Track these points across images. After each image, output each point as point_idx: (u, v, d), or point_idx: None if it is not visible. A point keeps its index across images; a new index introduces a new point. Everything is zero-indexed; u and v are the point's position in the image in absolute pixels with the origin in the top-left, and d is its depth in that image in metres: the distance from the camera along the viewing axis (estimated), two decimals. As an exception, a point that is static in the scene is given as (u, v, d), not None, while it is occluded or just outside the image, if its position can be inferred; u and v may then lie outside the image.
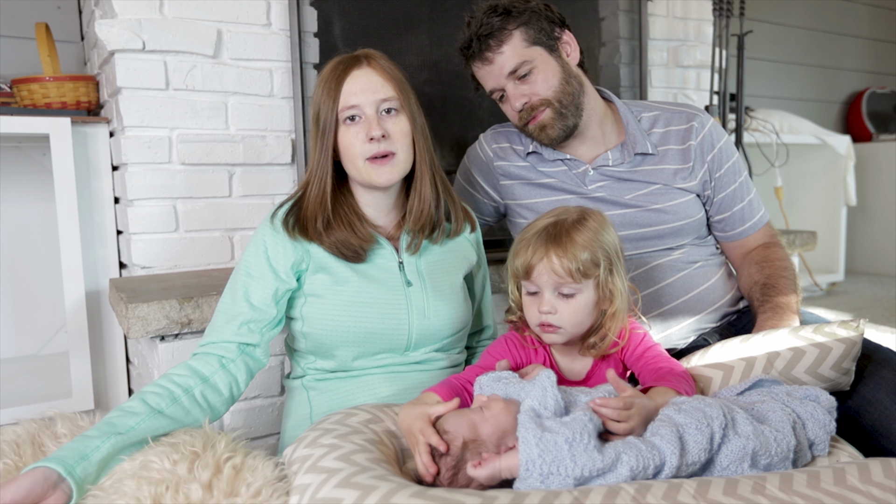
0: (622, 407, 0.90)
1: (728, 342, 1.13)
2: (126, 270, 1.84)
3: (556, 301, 1.03)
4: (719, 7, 2.58)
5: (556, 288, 1.03)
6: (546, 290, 1.03)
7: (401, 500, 0.77)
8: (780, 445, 0.88)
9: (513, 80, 1.37)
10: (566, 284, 1.02)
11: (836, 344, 1.05)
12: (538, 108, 1.37)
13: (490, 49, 1.36)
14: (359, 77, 1.14)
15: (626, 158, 1.42)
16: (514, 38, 1.35)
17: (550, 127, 1.38)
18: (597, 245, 1.03)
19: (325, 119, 1.15)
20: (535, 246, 1.03)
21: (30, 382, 1.83)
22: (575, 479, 0.80)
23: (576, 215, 1.06)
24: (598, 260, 1.03)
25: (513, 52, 1.35)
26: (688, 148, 1.42)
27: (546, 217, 1.08)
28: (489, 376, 1.01)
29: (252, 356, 1.13)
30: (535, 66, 1.35)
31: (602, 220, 1.07)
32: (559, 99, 1.36)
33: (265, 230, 1.17)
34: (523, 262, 1.04)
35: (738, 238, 1.47)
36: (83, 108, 1.86)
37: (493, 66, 1.37)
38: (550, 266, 1.01)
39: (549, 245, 1.02)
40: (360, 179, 1.17)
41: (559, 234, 1.03)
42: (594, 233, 1.04)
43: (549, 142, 1.41)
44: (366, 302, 1.16)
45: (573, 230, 1.03)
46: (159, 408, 1.00)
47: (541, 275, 1.02)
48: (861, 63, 4.37)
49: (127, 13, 1.65)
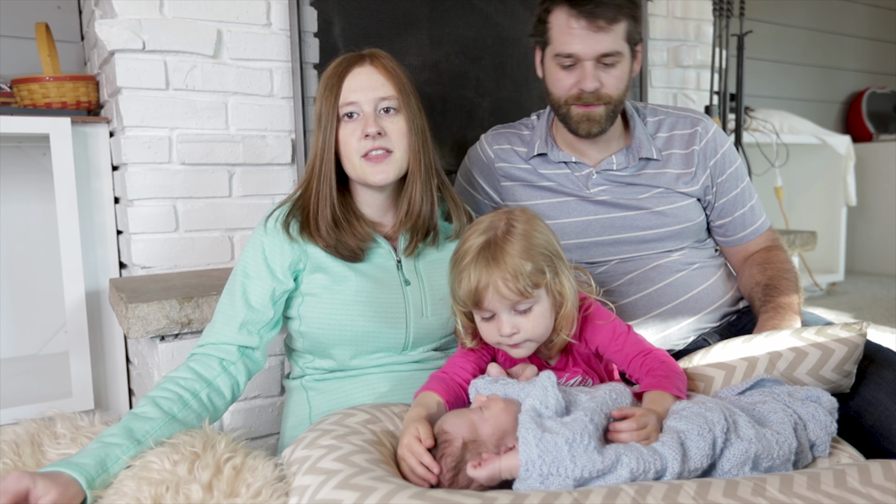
0: (639, 428, 0.89)
1: (730, 342, 1.12)
2: (126, 270, 1.84)
3: (515, 319, 1.00)
4: (719, 7, 2.58)
5: (511, 307, 0.99)
6: (502, 313, 0.99)
7: (400, 500, 0.77)
8: (781, 448, 0.88)
9: (596, 62, 1.30)
10: (520, 302, 0.99)
11: (838, 346, 1.04)
12: (602, 100, 1.32)
13: (605, 17, 1.26)
14: (360, 74, 1.14)
15: (630, 163, 1.42)
16: (622, 25, 1.29)
17: (597, 123, 1.34)
18: (535, 251, 0.99)
19: (327, 115, 1.14)
20: (475, 273, 0.97)
21: (30, 382, 1.83)
22: (575, 480, 0.80)
23: (503, 225, 1.01)
24: (541, 267, 0.99)
25: (617, 37, 1.28)
26: (691, 153, 1.42)
27: (474, 236, 1.01)
28: (485, 380, 1.01)
29: (251, 358, 1.14)
30: (620, 62, 1.31)
31: (529, 219, 1.03)
32: (616, 103, 1.34)
33: (264, 234, 1.17)
34: (468, 292, 0.98)
35: (740, 243, 1.47)
36: (83, 108, 1.86)
37: (595, 35, 1.27)
38: (498, 291, 0.97)
39: (491, 268, 0.97)
40: (356, 177, 1.17)
41: (495, 253, 0.98)
42: (528, 238, 1.00)
43: (585, 134, 1.36)
44: (364, 301, 1.16)
45: (507, 244, 0.98)
46: (172, 413, 1.00)
47: (492, 301, 0.98)
48: (861, 63, 4.37)
49: (127, 13, 1.65)
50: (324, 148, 1.15)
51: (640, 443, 0.87)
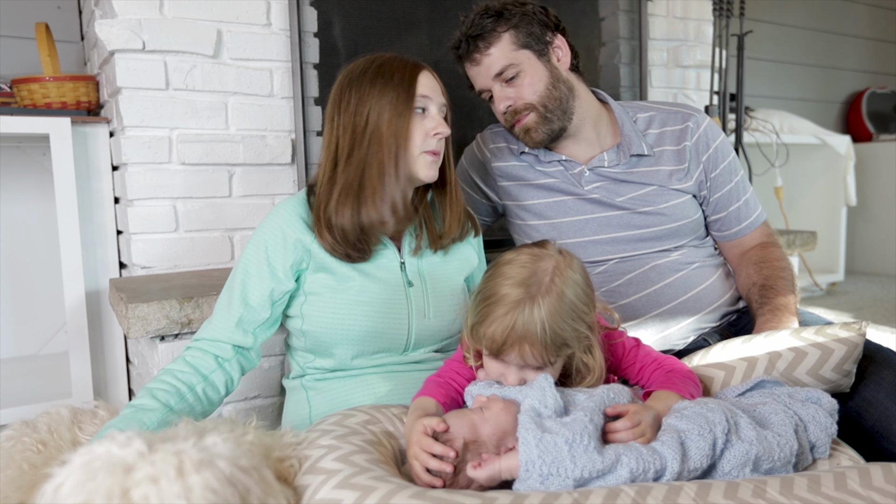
0: (633, 426, 0.88)
1: (730, 342, 1.13)
2: (126, 270, 1.84)
3: (526, 373, 0.96)
4: (719, 7, 2.58)
5: (524, 366, 0.95)
6: (512, 366, 0.95)
7: (400, 500, 0.77)
8: (782, 450, 0.88)
9: (499, 83, 1.38)
10: (534, 365, 0.95)
11: (837, 346, 1.04)
12: (522, 111, 1.38)
13: (479, 50, 1.37)
14: (428, 76, 1.18)
15: (621, 160, 1.42)
16: (503, 40, 1.36)
17: (534, 131, 1.39)
18: (571, 322, 0.93)
19: (401, 102, 1.13)
20: (504, 328, 0.91)
21: (30, 382, 1.83)
22: (575, 481, 0.80)
23: (547, 281, 0.93)
24: (573, 343, 0.94)
25: (500, 54, 1.36)
26: (683, 149, 1.42)
27: (513, 282, 0.93)
28: (479, 384, 1.00)
29: (245, 357, 1.16)
30: (521, 69, 1.36)
31: (573, 276, 0.96)
32: (544, 104, 1.37)
33: (268, 233, 1.16)
34: (491, 341, 0.93)
35: (735, 237, 1.47)
36: (83, 108, 1.86)
37: (480, 66, 1.38)
38: (522, 355, 0.93)
39: (524, 330, 0.90)
40: (406, 170, 1.16)
41: (532, 316, 0.90)
42: (567, 304, 0.93)
43: (533, 145, 1.42)
44: (367, 301, 1.16)
45: (546, 307, 0.91)
46: (169, 404, 1.03)
47: (512, 359, 0.94)
48: (861, 63, 4.37)
49: (127, 13, 1.65)
50: (397, 132, 1.13)
51: (637, 441, 0.86)
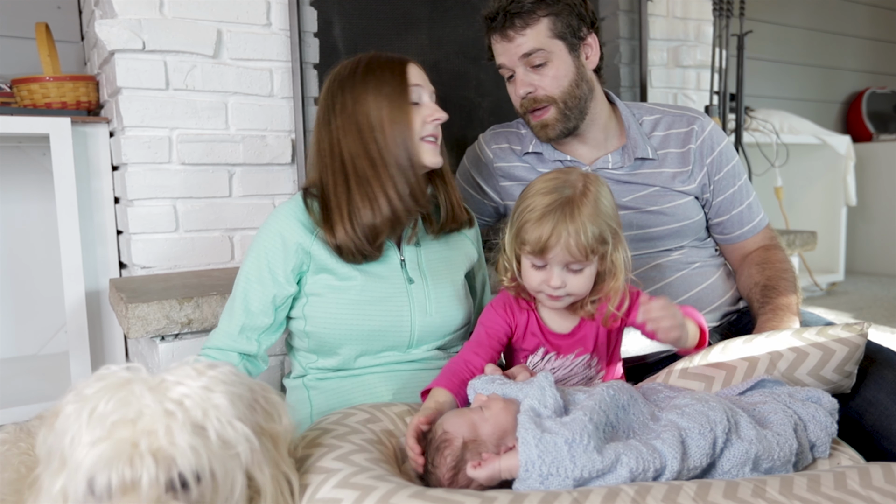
0: (664, 306, 1.03)
1: (730, 342, 1.12)
2: (126, 270, 1.84)
3: (566, 276, 1.05)
4: (719, 7, 2.58)
5: (566, 264, 1.05)
6: (555, 266, 1.05)
7: (400, 500, 0.77)
8: (782, 450, 0.88)
9: (524, 66, 1.35)
10: (577, 262, 1.04)
11: (838, 346, 1.04)
12: (542, 103, 1.36)
13: (514, 27, 1.33)
14: (417, 69, 1.19)
15: (625, 162, 1.42)
16: (541, 24, 1.33)
17: (552, 127, 1.38)
18: (604, 219, 1.05)
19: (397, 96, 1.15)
20: (550, 224, 1.02)
21: (30, 382, 1.83)
22: (574, 480, 0.80)
23: (581, 186, 1.06)
24: (606, 236, 1.05)
25: (535, 37, 1.33)
26: (687, 151, 1.42)
27: (550, 188, 1.06)
28: (482, 379, 1.01)
29: (253, 363, 1.18)
30: (550, 59, 1.33)
31: (601, 187, 1.08)
32: (565, 100, 1.36)
33: (268, 238, 1.16)
34: (537, 240, 1.03)
35: (738, 241, 1.47)
36: (83, 108, 1.86)
37: (510, 44, 1.34)
38: (567, 249, 1.02)
39: (567, 224, 1.02)
40: (416, 158, 1.17)
41: (573, 212, 1.02)
42: (600, 205, 1.05)
43: (546, 140, 1.41)
44: (369, 299, 1.17)
45: (583, 206, 1.03)
46: None
47: (556, 255, 1.03)
48: (861, 63, 4.37)
49: (127, 13, 1.65)
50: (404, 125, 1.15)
51: (667, 329, 1.03)
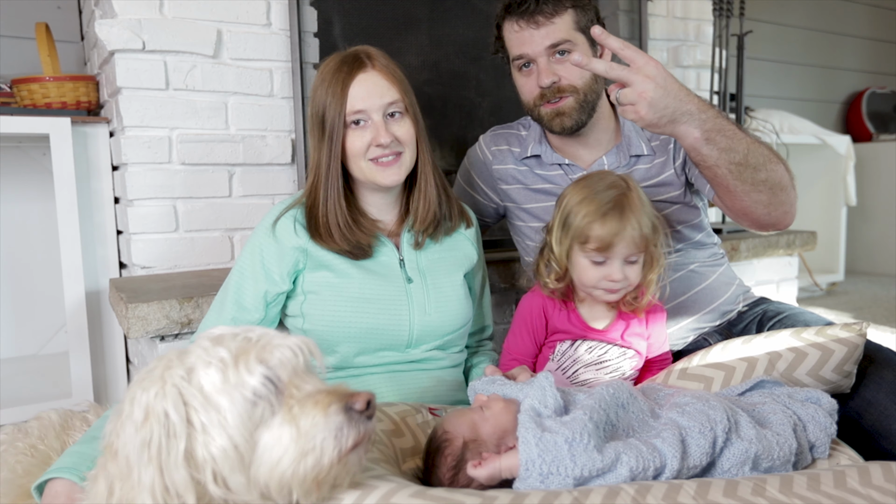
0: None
1: (730, 343, 1.12)
2: (126, 270, 1.84)
3: (626, 268, 1.10)
4: (719, 7, 2.57)
5: (626, 257, 1.09)
6: (616, 261, 1.08)
7: (400, 499, 0.77)
8: (781, 449, 0.88)
9: (548, 56, 1.32)
10: (634, 254, 1.09)
11: (837, 346, 1.04)
12: (565, 93, 1.33)
13: (544, 14, 1.31)
14: (365, 81, 1.14)
15: (621, 161, 1.41)
16: (568, 15, 1.32)
17: (568, 116, 1.35)
18: (651, 211, 1.10)
19: (332, 123, 1.14)
20: (614, 221, 1.07)
21: (30, 382, 1.83)
22: (575, 480, 0.80)
23: (624, 185, 1.11)
24: (657, 227, 1.11)
25: (564, 27, 1.31)
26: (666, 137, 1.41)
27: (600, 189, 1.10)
28: (482, 380, 1.02)
29: None
30: (574, 50, 1.32)
31: (635, 181, 1.13)
32: (586, 92, 1.34)
33: (264, 236, 1.17)
34: (602, 237, 1.07)
35: None
36: (83, 108, 1.86)
37: (538, 31, 1.31)
38: (632, 241, 1.07)
39: (630, 219, 1.07)
40: (364, 179, 1.17)
41: (632, 207, 1.08)
42: (643, 198, 1.11)
43: (560, 130, 1.37)
44: (368, 298, 1.17)
45: (636, 201, 1.09)
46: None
47: (620, 249, 1.07)
48: (861, 63, 4.37)
49: (127, 13, 1.65)
50: (330, 156, 1.15)
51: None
